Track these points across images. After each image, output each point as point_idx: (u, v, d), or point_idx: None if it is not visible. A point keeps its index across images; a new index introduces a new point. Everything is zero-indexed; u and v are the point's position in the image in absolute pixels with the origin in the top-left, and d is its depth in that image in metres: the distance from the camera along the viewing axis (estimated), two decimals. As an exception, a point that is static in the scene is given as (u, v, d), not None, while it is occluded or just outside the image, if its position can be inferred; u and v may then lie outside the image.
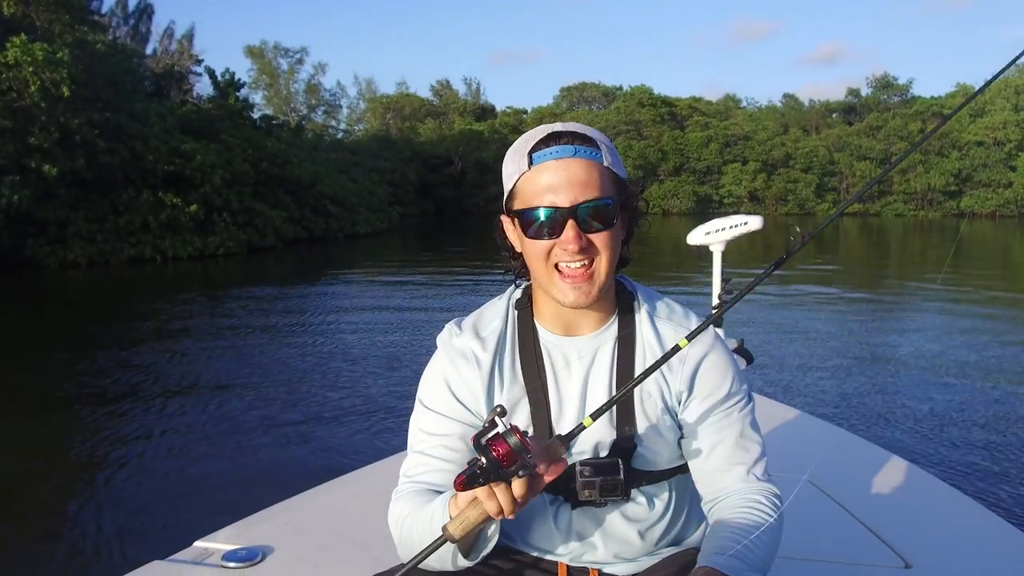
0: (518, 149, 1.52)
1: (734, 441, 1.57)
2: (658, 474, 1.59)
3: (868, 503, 2.85)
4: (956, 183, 65.42)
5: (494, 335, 1.60)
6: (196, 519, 4.62)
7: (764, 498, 1.54)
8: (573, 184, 1.43)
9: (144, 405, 7.77)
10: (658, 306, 1.62)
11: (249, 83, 55.47)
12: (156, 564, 2.33)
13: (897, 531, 2.58)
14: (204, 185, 25.86)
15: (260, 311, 14.20)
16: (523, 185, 1.49)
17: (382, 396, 8.06)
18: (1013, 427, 6.99)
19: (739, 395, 1.59)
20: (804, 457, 3.30)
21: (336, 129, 67.53)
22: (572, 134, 1.48)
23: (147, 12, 39.56)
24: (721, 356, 1.59)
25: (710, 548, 1.45)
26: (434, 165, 67.02)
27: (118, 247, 22.75)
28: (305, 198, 32.88)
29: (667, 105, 74.92)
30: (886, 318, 13.64)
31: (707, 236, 4.23)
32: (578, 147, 1.45)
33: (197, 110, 32.31)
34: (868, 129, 69.42)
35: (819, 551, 2.44)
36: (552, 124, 1.53)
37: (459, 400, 1.58)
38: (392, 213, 43.87)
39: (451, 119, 78.21)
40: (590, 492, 1.53)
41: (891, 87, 74.41)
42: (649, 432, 1.55)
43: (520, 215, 1.49)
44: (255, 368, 9.43)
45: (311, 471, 5.70)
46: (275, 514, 2.71)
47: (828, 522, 2.68)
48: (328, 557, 2.39)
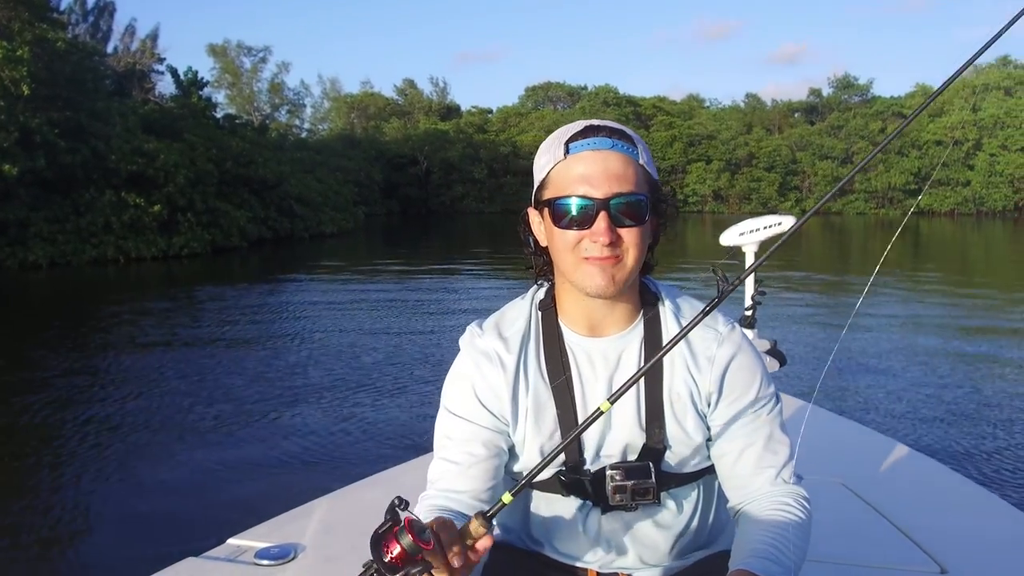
0: (555, 139, 1.48)
1: (763, 444, 1.54)
2: (687, 476, 1.57)
3: (902, 506, 2.80)
4: (916, 182, 66.39)
5: (518, 335, 1.57)
6: (229, 517, 4.68)
7: (793, 500, 1.51)
8: (608, 176, 1.40)
9: (175, 405, 7.81)
10: (683, 306, 1.59)
11: (212, 82, 54.89)
12: (190, 561, 2.35)
13: (932, 535, 2.54)
14: (167, 185, 25.52)
15: (258, 309, 14.15)
16: (557, 174, 1.45)
17: (413, 394, 8.12)
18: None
19: (768, 397, 1.56)
20: (837, 460, 3.28)
21: (300, 128, 67.04)
22: (610, 128, 1.45)
23: (108, 10, 39.08)
24: (750, 358, 1.56)
25: (742, 552, 1.43)
26: (399, 164, 66.85)
27: (80, 248, 22.41)
28: (270, 198, 32.62)
29: (632, 105, 75.40)
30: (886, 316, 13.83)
31: (741, 237, 4.24)
32: (616, 141, 1.43)
33: (160, 109, 32.02)
34: (830, 129, 70.32)
35: (853, 555, 2.41)
36: (590, 119, 1.50)
37: (483, 404, 1.54)
38: (357, 213, 43.69)
39: (416, 118, 78.09)
40: (621, 496, 1.50)
41: (852, 87, 75.38)
42: (679, 434, 1.52)
43: (551, 204, 1.45)
44: (272, 369, 9.39)
45: (343, 469, 5.78)
46: (307, 512, 2.71)
47: (862, 525, 2.66)
48: (359, 556, 2.35)
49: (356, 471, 5.39)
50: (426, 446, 1.72)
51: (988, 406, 7.66)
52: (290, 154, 41.20)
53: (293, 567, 2.31)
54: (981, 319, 13.51)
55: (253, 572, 2.28)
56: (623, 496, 1.50)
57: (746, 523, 1.52)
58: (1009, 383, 8.63)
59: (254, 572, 2.28)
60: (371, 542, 1.19)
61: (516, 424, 1.54)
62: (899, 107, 70.85)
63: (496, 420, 1.54)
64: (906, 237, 38.91)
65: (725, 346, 1.53)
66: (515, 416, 1.54)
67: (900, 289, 16.60)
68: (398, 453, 6.10)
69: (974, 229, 48.96)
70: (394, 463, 3.40)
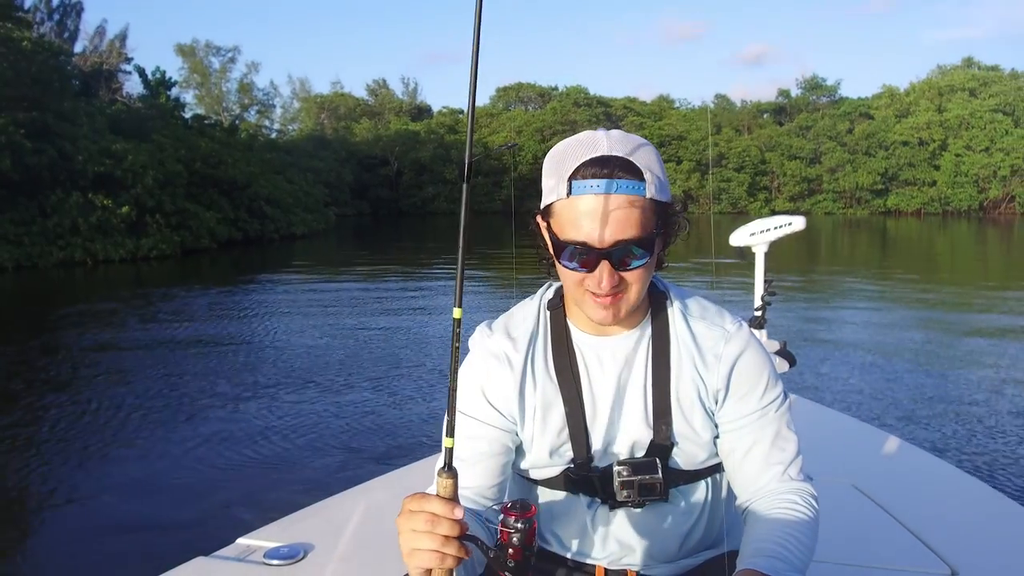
0: (560, 162, 1.42)
1: (770, 441, 1.54)
2: (695, 473, 1.57)
3: (913, 507, 2.80)
4: (883, 182, 67.15)
5: (526, 335, 1.57)
6: (239, 517, 4.72)
7: (800, 498, 1.51)
8: (610, 223, 1.35)
9: (180, 405, 7.80)
10: (691, 305, 1.58)
11: (180, 82, 54.51)
12: (200, 560, 2.36)
13: (942, 536, 2.54)
14: (136, 186, 25.25)
15: (249, 308, 14.05)
16: (560, 210, 1.41)
17: (418, 394, 8.14)
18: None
19: (775, 395, 1.56)
20: (847, 461, 3.28)
21: (270, 129, 66.69)
22: (616, 162, 1.37)
23: (76, 9, 38.63)
24: (757, 355, 1.56)
25: (750, 550, 1.43)
26: (370, 165, 66.74)
27: (47, 250, 22.09)
28: (240, 199, 32.41)
29: (602, 105, 75.68)
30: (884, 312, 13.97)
31: (752, 237, 4.22)
32: (620, 180, 1.36)
33: (127, 109, 31.73)
34: (798, 129, 70.95)
35: (864, 556, 2.42)
36: (597, 138, 1.42)
37: (491, 403, 1.54)
38: (328, 214, 43.56)
39: (387, 119, 77.94)
40: (628, 493, 1.51)
41: (820, 88, 76.12)
42: (686, 431, 1.53)
43: (555, 241, 1.43)
44: (274, 370, 9.35)
45: (352, 470, 5.81)
46: (316, 512, 2.74)
47: (872, 526, 2.67)
48: (368, 556, 2.41)
49: (365, 471, 5.43)
50: (434, 447, 1.72)
51: (993, 404, 7.69)
52: (260, 155, 40.93)
53: (302, 567, 2.33)
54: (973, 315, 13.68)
55: (262, 572, 2.30)
56: (630, 492, 1.51)
57: (754, 521, 1.52)
58: (998, 375, 8.74)
59: (263, 572, 2.30)
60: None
61: (524, 422, 1.55)
62: (866, 108, 71.69)
63: (504, 419, 1.54)
64: (874, 236, 39.30)
65: (732, 343, 1.54)
66: (523, 415, 1.54)
67: (874, 288, 16.76)
68: (407, 453, 6.14)
69: (940, 228, 49.55)
70: (403, 463, 3.42)
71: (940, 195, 65.37)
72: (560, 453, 1.54)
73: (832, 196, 68.46)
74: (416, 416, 7.37)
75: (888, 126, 67.95)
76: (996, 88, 66.53)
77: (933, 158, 66.24)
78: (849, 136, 69.00)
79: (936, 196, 65.54)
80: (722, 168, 70.27)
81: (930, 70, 76.63)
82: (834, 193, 68.50)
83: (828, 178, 68.28)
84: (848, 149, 68.09)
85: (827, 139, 68.79)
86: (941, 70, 73.94)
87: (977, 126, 64.62)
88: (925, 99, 68.48)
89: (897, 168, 66.63)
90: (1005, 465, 5.99)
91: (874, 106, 71.64)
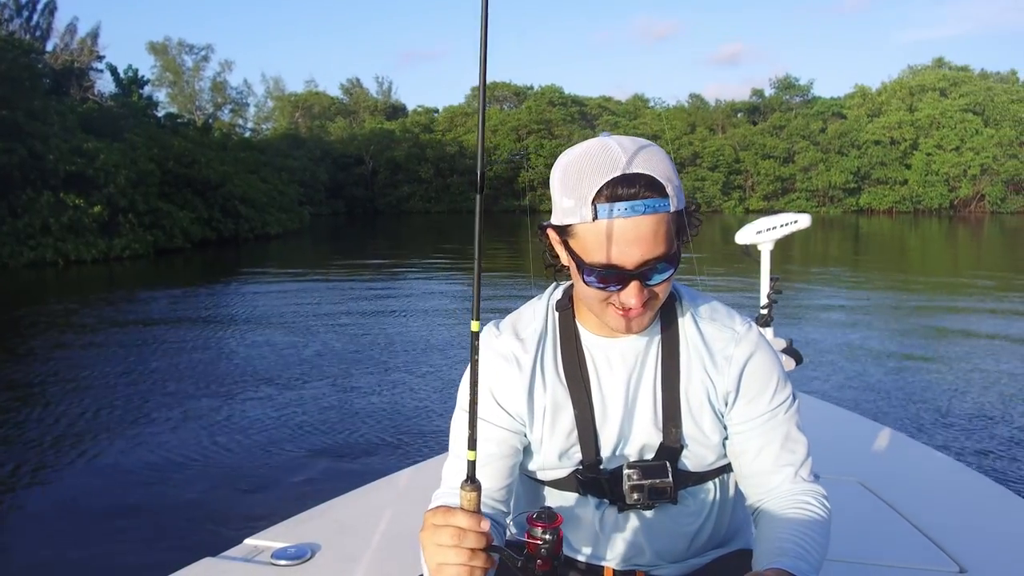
0: (578, 188, 1.36)
1: (780, 443, 1.54)
2: (704, 474, 1.57)
3: (921, 505, 2.80)
4: (855, 180, 67.71)
5: (534, 336, 1.56)
6: (246, 517, 4.73)
7: (813, 498, 1.51)
8: (642, 244, 1.33)
9: (186, 405, 7.82)
10: (701, 307, 1.58)
11: (153, 80, 54.14)
12: (207, 561, 2.36)
13: (951, 534, 2.54)
14: (108, 185, 24.99)
15: (239, 308, 13.97)
16: (583, 233, 1.36)
17: (421, 395, 8.15)
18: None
19: (785, 396, 1.55)
20: (855, 459, 3.29)
21: (244, 128, 66.26)
22: (641, 180, 1.32)
23: (50, 7, 38.16)
24: (767, 357, 1.55)
25: (771, 549, 1.42)
26: (345, 164, 66.48)
27: (17, 251, 21.82)
28: (214, 198, 32.15)
29: (577, 104, 75.88)
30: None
31: (758, 235, 4.24)
32: (647, 201, 1.32)
33: (99, 108, 31.43)
34: (772, 128, 71.33)
35: (872, 554, 2.42)
36: (610, 152, 1.36)
37: (500, 404, 1.53)
38: (303, 213, 43.31)
39: (362, 118, 77.70)
40: (638, 496, 1.51)
41: (793, 88, 76.59)
42: (696, 433, 1.53)
43: (578, 262, 1.39)
44: (278, 370, 9.35)
45: (358, 471, 5.82)
46: (323, 513, 2.74)
47: (880, 525, 2.67)
48: (376, 556, 2.42)
49: (372, 472, 5.57)
50: (442, 447, 1.73)
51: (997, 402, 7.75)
52: (233, 154, 40.66)
53: (310, 567, 2.33)
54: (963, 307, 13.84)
55: (270, 572, 2.30)
56: (640, 495, 1.51)
57: (768, 521, 1.51)
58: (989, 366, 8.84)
59: (271, 572, 2.30)
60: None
61: (533, 424, 1.54)
62: (839, 107, 72.26)
63: (513, 420, 1.53)
64: (847, 234, 39.62)
65: (742, 345, 1.53)
66: (532, 416, 1.53)
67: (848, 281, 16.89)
68: (414, 453, 6.18)
69: (912, 226, 50.02)
70: (410, 463, 3.43)
71: (911, 194, 65.95)
72: (569, 455, 1.54)
73: (805, 195, 68.90)
74: (422, 417, 7.40)
75: (860, 125, 68.51)
76: (966, 88, 67.24)
77: (904, 157, 66.84)
78: (822, 135, 69.50)
79: (907, 195, 66.12)
80: (696, 167, 70.57)
81: (901, 70, 77.40)
82: (807, 192, 68.95)
83: (801, 177, 68.72)
84: (821, 148, 68.60)
85: (800, 138, 69.26)
86: (912, 70, 74.65)
87: (947, 126, 65.26)
88: (896, 99, 69.11)
89: (869, 167, 67.17)
90: (1011, 460, 6.04)
91: (846, 105, 72.21)
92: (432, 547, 1.18)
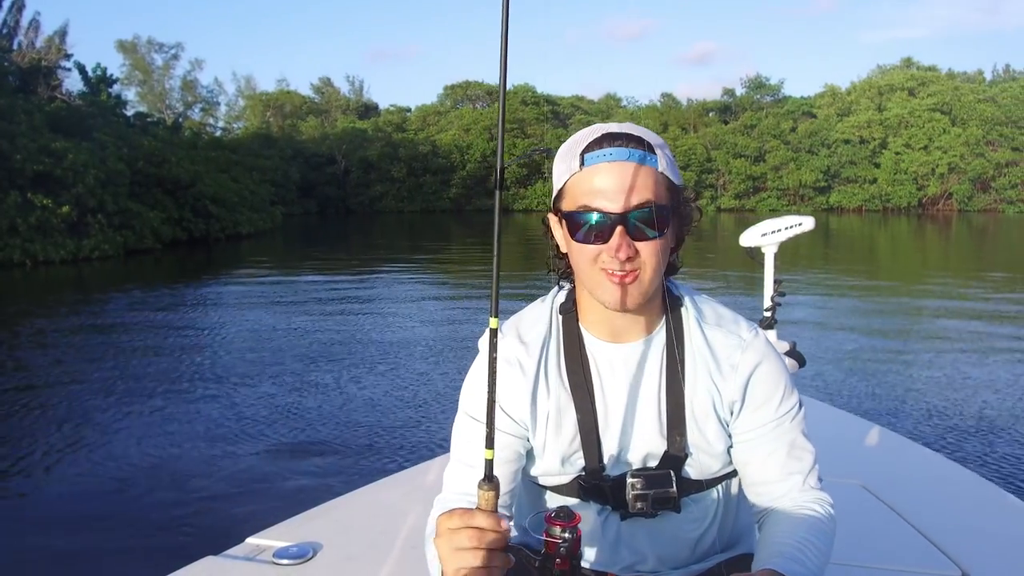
0: (570, 148, 1.43)
1: (787, 451, 1.52)
2: (708, 482, 1.56)
3: (923, 509, 2.79)
4: (825, 179, 68.28)
5: (538, 340, 1.54)
6: (248, 516, 4.71)
7: (819, 506, 1.50)
8: (625, 189, 1.36)
9: (190, 405, 7.84)
10: (706, 311, 1.56)
11: (122, 79, 53.56)
12: (209, 560, 2.35)
13: (953, 538, 2.53)
14: (76, 185, 24.64)
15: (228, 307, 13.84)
16: (573, 186, 1.41)
17: (430, 392, 8.21)
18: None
19: (792, 404, 1.54)
20: (857, 462, 3.28)
21: (214, 127, 65.90)
22: (627, 136, 1.39)
23: (17, 4, 37.58)
24: (774, 364, 1.54)
25: (767, 552, 1.42)
26: (317, 163, 66.12)
27: (-17, 252, 21.57)
28: (184, 198, 31.82)
29: (550, 103, 75.90)
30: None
31: (763, 238, 4.24)
32: (633, 150, 1.37)
33: (67, 107, 31.05)
34: (743, 128, 71.74)
35: (873, 558, 2.41)
36: (607, 124, 1.44)
37: (504, 410, 1.52)
38: (275, 213, 42.97)
39: (334, 117, 77.35)
40: (642, 504, 1.50)
41: (764, 87, 77.06)
42: (700, 441, 1.51)
43: (568, 217, 1.42)
44: (280, 370, 9.35)
45: (360, 470, 5.86)
46: (326, 512, 2.74)
47: (882, 528, 2.66)
48: (378, 555, 2.42)
49: (374, 471, 5.54)
50: (443, 446, 1.72)
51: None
52: (204, 153, 40.29)
53: (312, 567, 2.33)
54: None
55: (272, 571, 2.30)
56: (644, 504, 1.50)
57: (771, 527, 1.50)
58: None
59: (273, 571, 2.30)
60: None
61: (536, 429, 1.53)
62: (809, 107, 72.82)
63: (516, 425, 1.52)
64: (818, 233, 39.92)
65: (749, 353, 1.51)
66: (535, 421, 1.52)
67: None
68: (416, 452, 6.20)
69: (881, 225, 50.51)
70: (412, 463, 3.42)
71: (881, 192, 66.59)
72: (572, 461, 1.53)
73: (776, 194, 69.39)
74: (425, 416, 7.42)
75: (830, 125, 69.10)
76: (934, 88, 68.05)
77: (874, 156, 67.49)
78: (792, 135, 70.03)
79: (877, 193, 66.75)
80: (669, 166, 70.76)
81: (870, 70, 77.98)
82: (778, 191, 69.44)
83: (772, 176, 69.21)
84: (792, 147, 69.13)
85: (771, 137, 69.73)
86: (881, 70, 75.42)
87: (916, 125, 65.98)
88: (866, 98, 69.81)
89: (839, 166, 67.77)
90: (1015, 464, 6.07)
91: (816, 105, 72.80)
92: (450, 552, 1.18)
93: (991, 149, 64.06)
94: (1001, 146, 63.93)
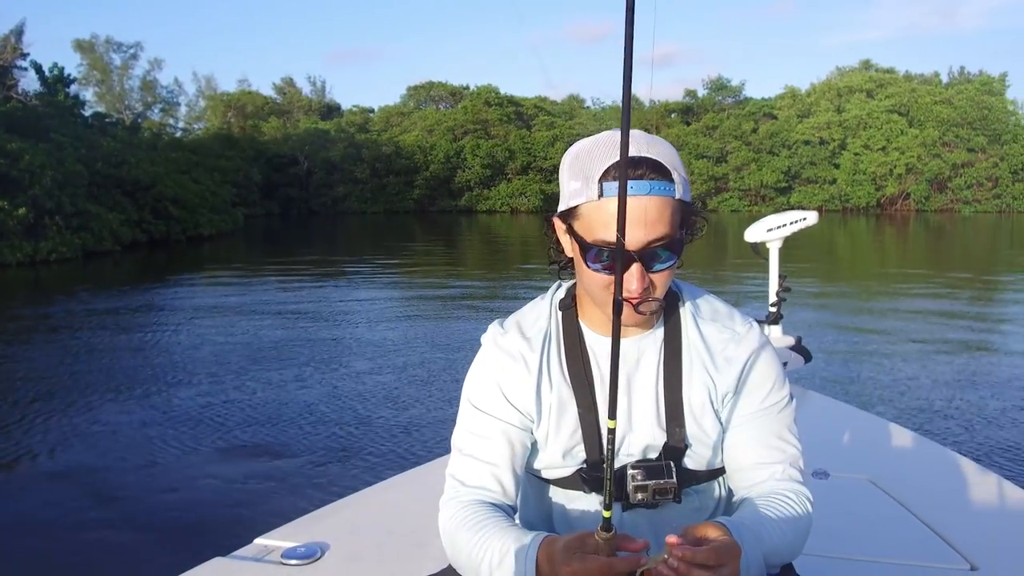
0: (586, 169, 1.40)
1: (770, 441, 1.55)
2: (708, 474, 1.59)
3: (932, 503, 2.79)
4: (786, 180, 68.99)
5: (540, 335, 1.57)
6: (256, 517, 4.70)
7: (794, 494, 1.52)
8: (645, 225, 1.35)
9: (193, 406, 7.82)
10: (702, 307, 1.60)
11: (79, 79, 52.80)
12: (217, 561, 2.35)
13: (962, 532, 2.53)
14: (33, 187, 24.26)
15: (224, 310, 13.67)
16: (588, 213, 1.39)
17: (432, 394, 8.14)
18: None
19: (780, 397, 1.57)
20: (865, 456, 3.30)
21: (175, 128, 65.14)
22: (649, 165, 1.36)
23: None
24: (767, 358, 1.57)
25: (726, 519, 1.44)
26: (279, 164, 65.67)
27: (-63, 254, 21.16)
28: (144, 200, 31.46)
29: (513, 104, 75.84)
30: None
31: (768, 233, 4.27)
32: (653, 183, 1.35)
33: (23, 107, 30.60)
34: (705, 129, 72.26)
35: (882, 552, 2.42)
36: (619, 139, 1.32)
37: (509, 401, 1.55)
38: (236, 214, 42.60)
39: (296, 118, 76.82)
40: (643, 495, 1.52)
41: (725, 89, 77.67)
42: (698, 433, 1.54)
43: (582, 244, 1.41)
44: (282, 370, 9.31)
45: (368, 470, 5.86)
46: (333, 512, 2.74)
47: (891, 523, 2.66)
48: (386, 555, 2.42)
49: (382, 470, 5.57)
50: (446, 448, 1.73)
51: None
52: (164, 154, 39.95)
53: (320, 567, 2.33)
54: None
55: (280, 572, 2.30)
56: (644, 495, 1.52)
57: (741, 508, 1.53)
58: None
59: (281, 572, 2.30)
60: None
61: (539, 422, 1.55)
62: (770, 108, 73.53)
63: (523, 417, 1.55)
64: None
65: (743, 346, 1.55)
66: (539, 414, 1.55)
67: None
68: (423, 452, 6.22)
69: (841, 225, 51.11)
70: (418, 463, 3.42)
71: (840, 192, 67.39)
72: (573, 454, 1.55)
73: (738, 194, 70.00)
74: (430, 415, 7.42)
75: (791, 126, 69.80)
76: (892, 89, 68.98)
77: (833, 157, 68.27)
78: (754, 135, 70.64)
79: (836, 193, 67.54)
80: (632, 167, 71.13)
81: (830, 72, 78.93)
82: (740, 191, 70.06)
83: (734, 176, 69.79)
84: (753, 148, 69.74)
85: (733, 138, 70.31)
86: (840, 72, 76.32)
87: (874, 126, 66.81)
88: (825, 100, 70.61)
89: (800, 167, 68.48)
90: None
91: (777, 106, 73.49)
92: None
93: (947, 150, 65.03)
94: (957, 147, 64.95)
